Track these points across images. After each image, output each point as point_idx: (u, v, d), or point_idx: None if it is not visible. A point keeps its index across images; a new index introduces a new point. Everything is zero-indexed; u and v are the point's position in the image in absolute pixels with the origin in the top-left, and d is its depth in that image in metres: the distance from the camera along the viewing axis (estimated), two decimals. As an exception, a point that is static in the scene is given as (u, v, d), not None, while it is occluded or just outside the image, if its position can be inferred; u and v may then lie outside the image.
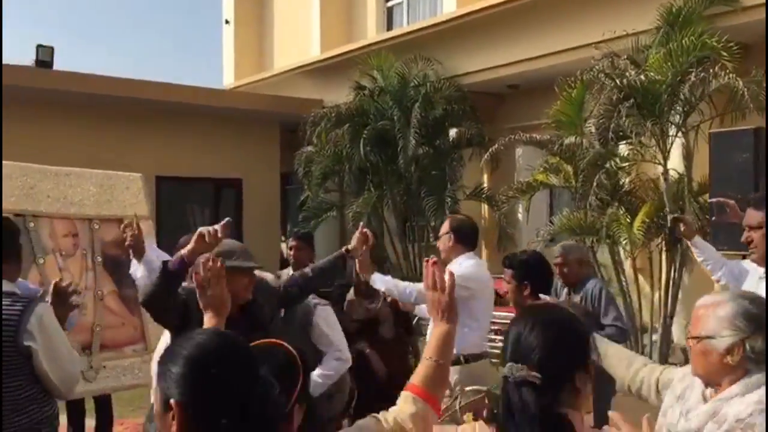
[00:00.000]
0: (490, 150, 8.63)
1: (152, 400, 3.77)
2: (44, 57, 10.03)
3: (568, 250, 4.65)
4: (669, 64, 6.90)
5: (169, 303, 2.85)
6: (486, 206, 11.07)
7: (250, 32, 15.70)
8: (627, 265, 8.00)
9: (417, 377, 1.84)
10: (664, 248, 7.63)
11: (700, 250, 3.94)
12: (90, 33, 39.46)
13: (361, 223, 4.20)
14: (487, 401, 2.92)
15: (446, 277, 1.90)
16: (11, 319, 2.69)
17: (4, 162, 4.27)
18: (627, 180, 7.96)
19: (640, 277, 8.02)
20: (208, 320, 2.19)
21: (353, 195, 11.01)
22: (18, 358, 2.71)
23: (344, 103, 10.79)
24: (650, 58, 7.15)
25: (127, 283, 4.54)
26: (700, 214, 7.13)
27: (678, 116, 7.22)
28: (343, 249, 3.63)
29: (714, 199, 4.41)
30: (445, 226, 4.26)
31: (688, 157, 7.56)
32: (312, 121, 10.70)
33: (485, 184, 10.94)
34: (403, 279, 5.04)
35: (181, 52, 41.27)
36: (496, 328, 4.99)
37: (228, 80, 15.67)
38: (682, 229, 4.03)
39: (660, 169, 7.67)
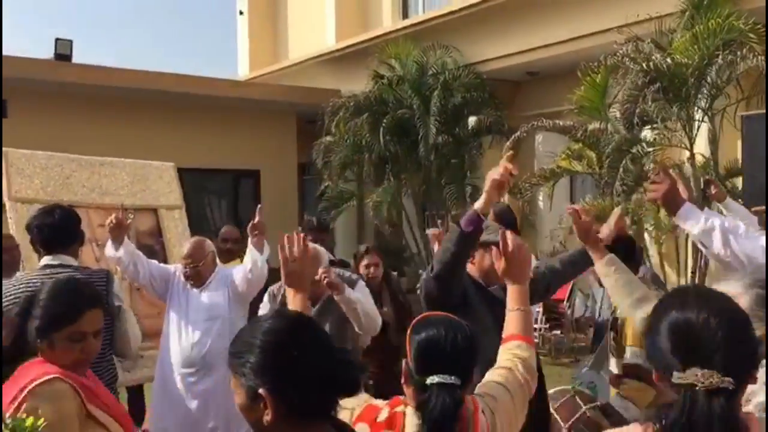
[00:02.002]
0: (513, 137, 8.59)
1: None
2: (63, 50, 10.04)
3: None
4: (695, 47, 6.83)
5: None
6: (506, 194, 11.03)
7: (265, 23, 15.66)
8: (653, 251, 7.96)
9: (513, 327, 2.09)
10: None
11: (734, 212, 3.96)
12: (105, 26, 39.52)
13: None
14: (580, 401, 2.93)
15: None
16: (100, 284, 3.11)
17: (40, 152, 4.29)
18: (652, 165, 7.90)
19: (666, 264, 7.98)
20: (291, 298, 2.15)
21: (372, 184, 10.99)
22: (107, 319, 2.93)
23: (362, 92, 10.76)
24: (676, 42, 7.09)
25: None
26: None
27: (704, 100, 7.15)
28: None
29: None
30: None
31: (713, 141, 7.50)
32: (330, 111, 10.67)
33: (503, 172, 10.90)
34: (349, 265, 5.01)
35: (196, 43, 41.32)
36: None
37: (243, 71, 15.66)
38: (713, 191, 4.07)
39: (685, 153, 7.62)
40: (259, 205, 3.37)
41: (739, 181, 7.31)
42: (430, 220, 10.83)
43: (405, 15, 13.22)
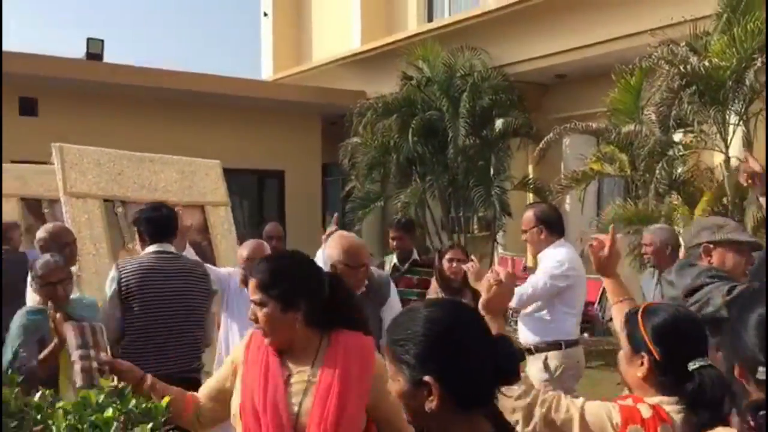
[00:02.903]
0: (545, 139, 8.58)
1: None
2: (94, 50, 10.14)
3: (655, 233, 4.60)
4: (733, 50, 6.79)
5: None
6: (531, 196, 11.03)
7: (289, 25, 15.73)
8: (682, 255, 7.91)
9: None
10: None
11: None
12: (132, 26, 39.91)
13: None
14: None
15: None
16: (202, 270, 3.74)
17: (92, 148, 4.33)
18: (685, 168, 7.87)
19: (698, 267, 7.92)
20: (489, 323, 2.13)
21: (398, 186, 11.00)
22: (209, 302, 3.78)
23: (390, 93, 10.78)
24: (713, 44, 7.05)
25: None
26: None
27: (740, 103, 7.12)
28: None
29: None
30: (531, 219, 4.08)
31: (748, 144, 7.47)
32: (358, 112, 10.70)
33: (530, 175, 10.91)
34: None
35: (220, 44, 41.60)
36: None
37: (266, 73, 15.72)
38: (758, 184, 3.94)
39: (718, 157, 7.59)
40: (335, 213, 3.59)
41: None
42: (455, 222, 10.85)
43: (430, 18, 13.25)
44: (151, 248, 3.64)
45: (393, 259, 5.23)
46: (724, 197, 7.32)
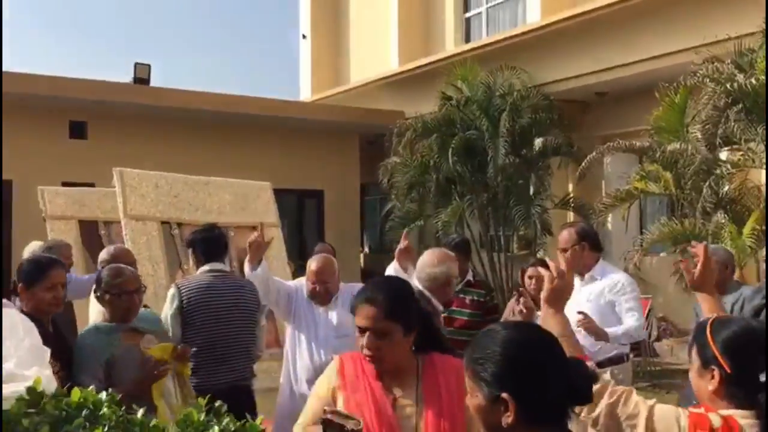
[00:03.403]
0: (587, 158, 8.55)
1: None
2: (141, 74, 10.40)
3: (716, 253, 4.55)
4: (781, 67, 6.73)
5: None
6: (572, 215, 10.97)
7: (327, 46, 15.95)
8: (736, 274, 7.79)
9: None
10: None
11: None
12: (176, 51, 40.89)
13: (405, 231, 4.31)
14: None
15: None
16: (253, 289, 3.92)
17: (151, 172, 4.46)
18: (731, 187, 7.77)
19: (747, 286, 7.80)
20: (550, 317, 2.11)
21: (436, 205, 11.03)
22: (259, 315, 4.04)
23: (429, 113, 10.85)
24: (758, 61, 6.99)
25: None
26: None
27: (788, 121, 7.03)
28: None
29: None
30: (572, 237, 4.11)
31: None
32: (398, 132, 10.78)
33: (571, 193, 10.86)
34: (491, 290, 5.02)
35: (259, 67, 42.34)
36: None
37: (305, 94, 15.94)
38: None
39: (766, 175, 7.50)
40: (405, 229, 3.79)
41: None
42: (496, 241, 10.83)
43: (468, 39, 13.34)
44: (206, 267, 3.88)
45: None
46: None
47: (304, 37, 15.96)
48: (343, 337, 3.90)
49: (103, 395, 1.42)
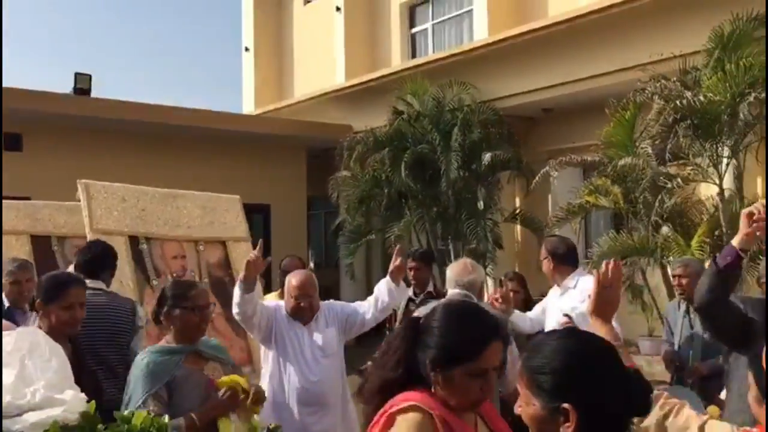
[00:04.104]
0: (541, 172, 8.70)
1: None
2: (82, 85, 10.03)
3: (690, 265, 4.68)
4: (726, 84, 7.01)
5: None
6: (520, 229, 11.13)
7: (270, 60, 15.80)
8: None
9: None
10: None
11: None
12: (118, 62, 39.75)
13: (398, 247, 4.24)
14: None
15: None
16: (126, 310, 3.71)
17: (117, 184, 4.27)
18: (678, 200, 8.03)
19: (694, 297, 8.05)
20: (598, 328, 2.03)
21: (384, 220, 11.01)
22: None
23: (378, 127, 10.85)
24: (706, 80, 7.27)
25: (231, 304, 4.52)
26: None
27: (732, 137, 7.32)
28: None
29: None
30: (543, 251, 4.37)
31: (739, 177, 7.67)
32: (348, 146, 10.73)
33: (518, 207, 11.02)
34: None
35: (201, 79, 41.62)
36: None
37: (248, 108, 15.72)
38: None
39: (711, 189, 7.77)
40: (398, 246, 3.90)
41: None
42: (446, 255, 10.86)
43: (413, 54, 13.44)
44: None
45: (408, 292, 5.20)
46: (718, 229, 7.48)
47: (246, 49, 15.76)
48: (330, 357, 3.81)
49: (166, 419, 1.29)
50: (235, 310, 3.73)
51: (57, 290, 2.85)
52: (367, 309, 4.02)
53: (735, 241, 2.51)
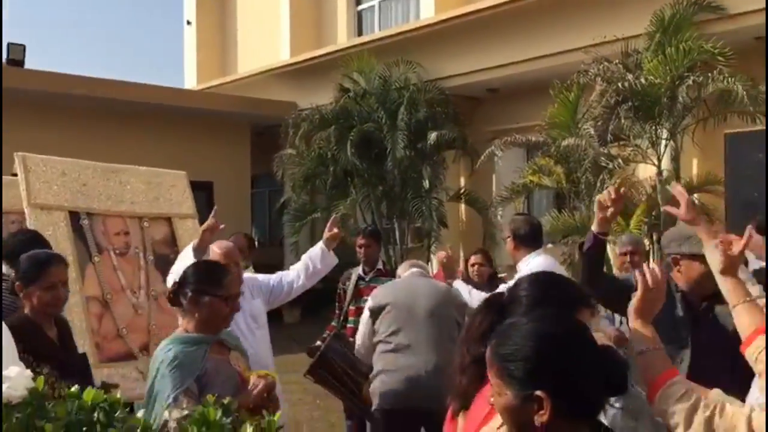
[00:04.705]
0: (485, 152, 8.77)
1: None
2: (15, 56, 9.61)
3: (639, 241, 4.79)
4: (666, 68, 7.19)
5: None
6: (464, 208, 11.24)
7: (213, 34, 15.44)
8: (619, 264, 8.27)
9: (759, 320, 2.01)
10: (657, 247, 7.92)
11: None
12: (54, 33, 38.06)
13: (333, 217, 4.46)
14: None
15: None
16: None
17: (56, 158, 4.12)
18: (618, 180, 8.22)
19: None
20: (639, 328, 1.94)
21: (330, 198, 10.95)
22: None
23: (324, 105, 10.75)
24: (647, 62, 7.44)
25: (177, 282, 4.44)
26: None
27: (671, 119, 7.53)
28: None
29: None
30: (505, 230, 4.34)
31: (676, 158, 7.90)
32: (293, 123, 10.61)
33: (463, 187, 11.11)
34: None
35: (142, 53, 40.27)
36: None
37: (190, 82, 15.36)
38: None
39: (650, 170, 7.99)
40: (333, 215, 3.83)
41: (701, 197, 7.76)
42: (391, 233, 10.89)
43: (360, 32, 13.33)
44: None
45: (358, 270, 5.20)
46: (655, 209, 7.70)
47: (188, 23, 15.36)
48: (262, 328, 3.85)
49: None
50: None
51: (37, 270, 2.70)
52: (295, 277, 4.11)
53: (593, 227, 2.84)
